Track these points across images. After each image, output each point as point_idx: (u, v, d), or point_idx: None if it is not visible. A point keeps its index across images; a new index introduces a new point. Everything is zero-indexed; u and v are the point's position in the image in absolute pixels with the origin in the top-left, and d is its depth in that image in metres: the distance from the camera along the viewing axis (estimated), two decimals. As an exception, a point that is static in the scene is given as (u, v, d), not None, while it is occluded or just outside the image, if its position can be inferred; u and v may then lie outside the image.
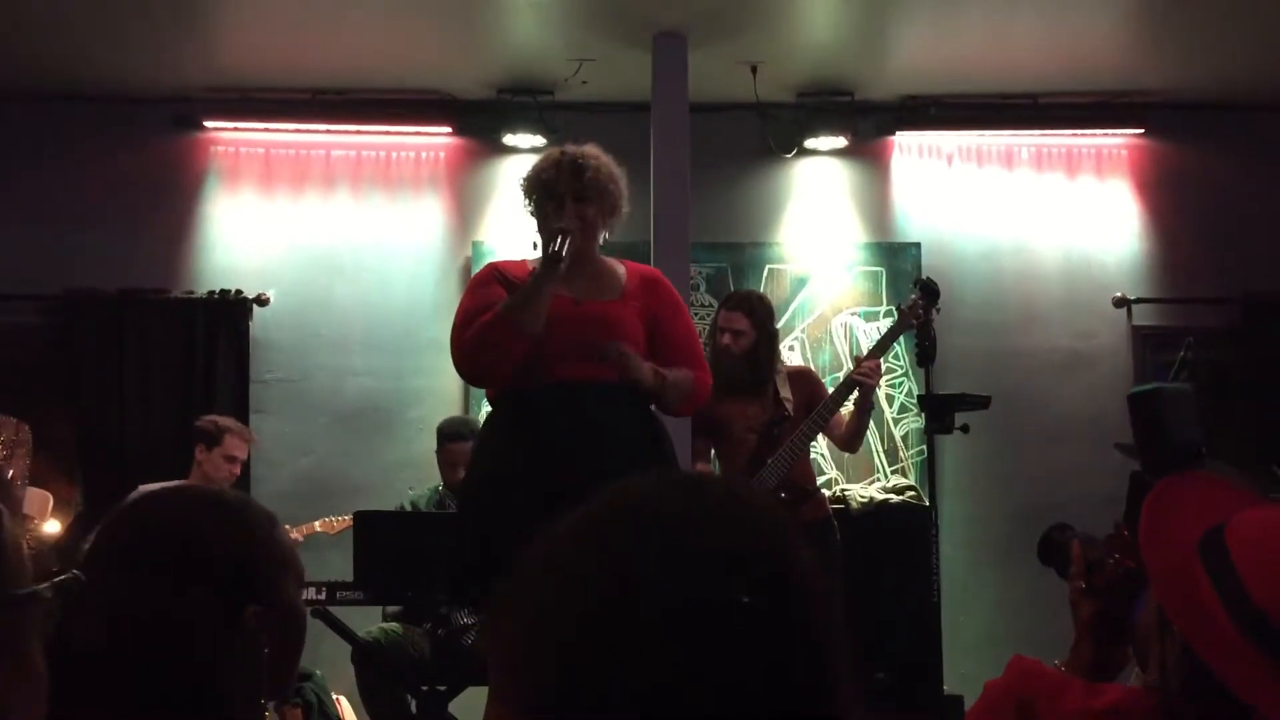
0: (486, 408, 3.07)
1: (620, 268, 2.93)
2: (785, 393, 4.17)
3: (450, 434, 4.67)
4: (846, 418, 4.16)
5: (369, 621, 4.49)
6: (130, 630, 1.15)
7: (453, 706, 4.18)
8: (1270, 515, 1.22)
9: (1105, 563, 1.72)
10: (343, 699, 4.74)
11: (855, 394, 4.06)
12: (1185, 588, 1.21)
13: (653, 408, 2.90)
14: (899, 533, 4.89)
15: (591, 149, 2.90)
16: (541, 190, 2.85)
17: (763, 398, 4.15)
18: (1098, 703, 1.26)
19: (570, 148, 2.91)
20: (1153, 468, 1.85)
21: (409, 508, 4.70)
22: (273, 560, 1.25)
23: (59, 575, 0.86)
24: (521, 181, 2.92)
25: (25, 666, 0.80)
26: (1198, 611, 1.19)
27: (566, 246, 2.70)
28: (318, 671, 4.69)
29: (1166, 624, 1.22)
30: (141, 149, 5.75)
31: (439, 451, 4.72)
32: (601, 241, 2.91)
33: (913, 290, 4.22)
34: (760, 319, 4.19)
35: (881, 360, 4.14)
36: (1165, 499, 1.31)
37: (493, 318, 2.71)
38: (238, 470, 4.64)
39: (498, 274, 2.86)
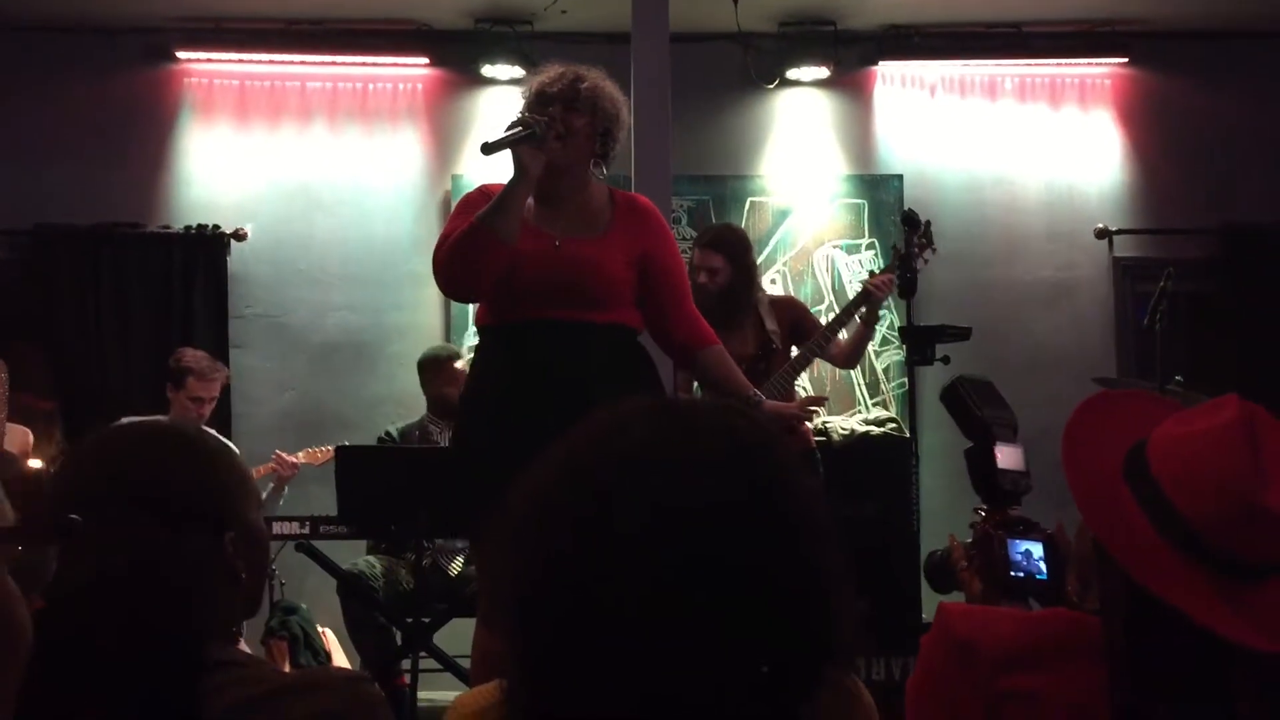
0: (470, 341, 3.06)
1: (607, 196, 2.85)
2: (770, 324, 4.18)
3: (432, 361, 4.75)
4: (845, 339, 4.23)
5: (353, 555, 4.51)
6: (112, 570, 1.15)
7: (437, 638, 4.23)
8: (1187, 429, 1.22)
9: (972, 538, 1.83)
10: (328, 632, 4.78)
11: (863, 309, 4.12)
12: (1112, 511, 1.21)
13: (639, 340, 2.88)
14: (880, 464, 4.92)
15: (600, 71, 2.82)
16: (535, 96, 2.76)
17: (744, 330, 4.15)
18: (1037, 635, 1.26)
19: (579, 66, 2.85)
20: (974, 441, 2.10)
21: (394, 433, 4.71)
22: (238, 486, 1.29)
23: (56, 518, 0.84)
24: (523, 92, 2.83)
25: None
26: (1129, 535, 1.19)
27: (524, 140, 2.60)
28: (303, 605, 4.72)
29: (1105, 556, 1.23)
30: (113, 81, 5.65)
31: (427, 382, 4.74)
32: (602, 173, 2.81)
33: (898, 223, 4.28)
34: (735, 253, 4.18)
35: (894, 276, 4.16)
36: (1088, 418, 1.31)
37: (467, 227, 2.66)
38: (205, 411, 4.57)
39: (485, 195, 2.79)
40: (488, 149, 2.61)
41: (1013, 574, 1.77)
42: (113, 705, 1.09)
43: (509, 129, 2.64)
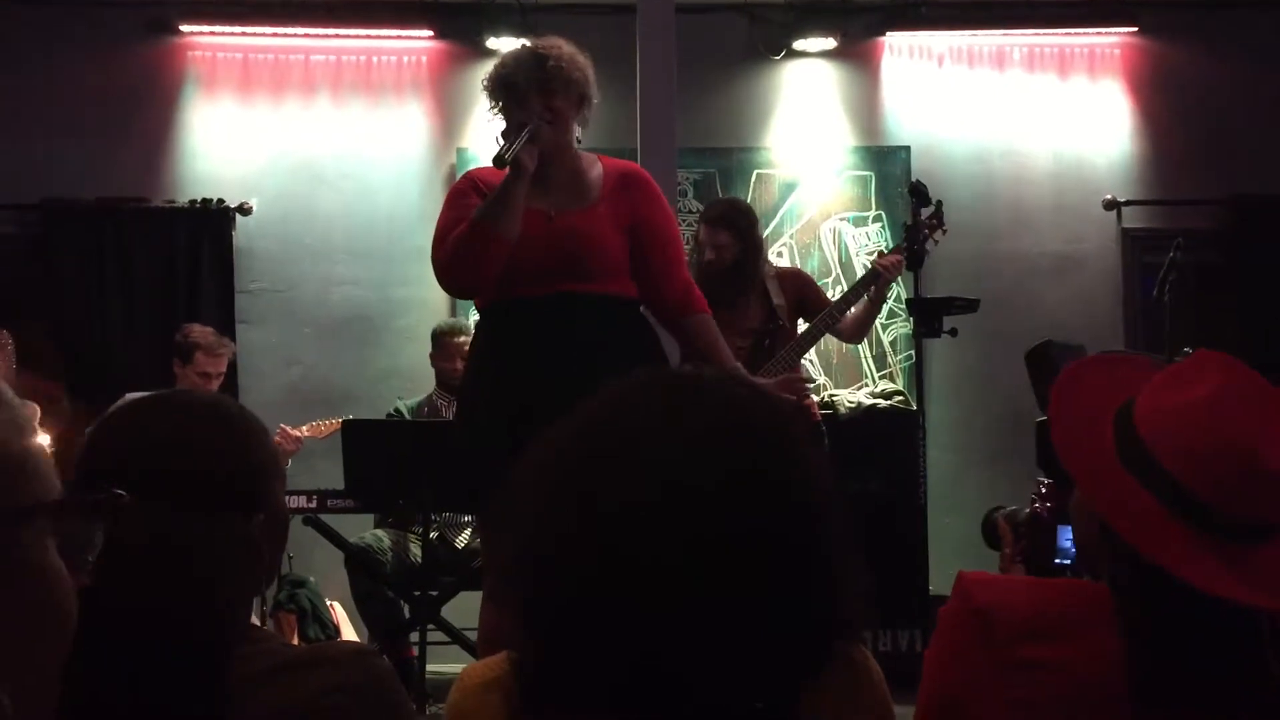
0: (475, 317, 3.06)
1: (598, 166, 2.85)
2: (777, 299, 4.17)
3: (435, 335, 4.80)
4: (851, 314, 4.23)
5: (361, 529, 4.52)
6: (143, 548, 1.12)
7: (445, 610, 4.24)
8: (1175, 399, 1.22)
9: (1025, 514, 1.79)
10: (336, 605, 4.80)
11: (872, 289, 4.12)
12: (1112, 487, 1.21)
13: (641, 310, 2.88)
14: (887, 437, 4.92)
15: (552, 39, 2.81)
16: (505, 89, 2.74)
17: (750, 305, 4.15)
18: (1055, 605, 1.26)
19: (530, 41, 2.83)
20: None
21: (402, 409, 4.72)
22: (272, 468, 1.27)
23: (96, 494, 0.82)
24: (484, 83, 2.81)
25: (28, 588, 0.75)
26: (1132, 509, 1.19)
27: (525, 142, 2.61)
28: (311, 579, 4.74)
29: (1111, 536, 1.22)
30: (116, 55, 5.62)
31: (433, 357, 4.76)
32: (578, 135, 2.82)
33: (905, 195, 4.27)
34: (742, 229, 4.17)
35: (903, 258, 4.15)
36: (1066, 397, 1.31)
37: (466, 227, 2.65)
38: (214, 386, 4.57)
39: (474, 184, 2.79)
40: (501, 162, 2.61)
41: (1057, 561, 1.74)
42: (138, 685, 1.08)
43: (509, 135, 2.64)
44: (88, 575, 0.79)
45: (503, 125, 2.76)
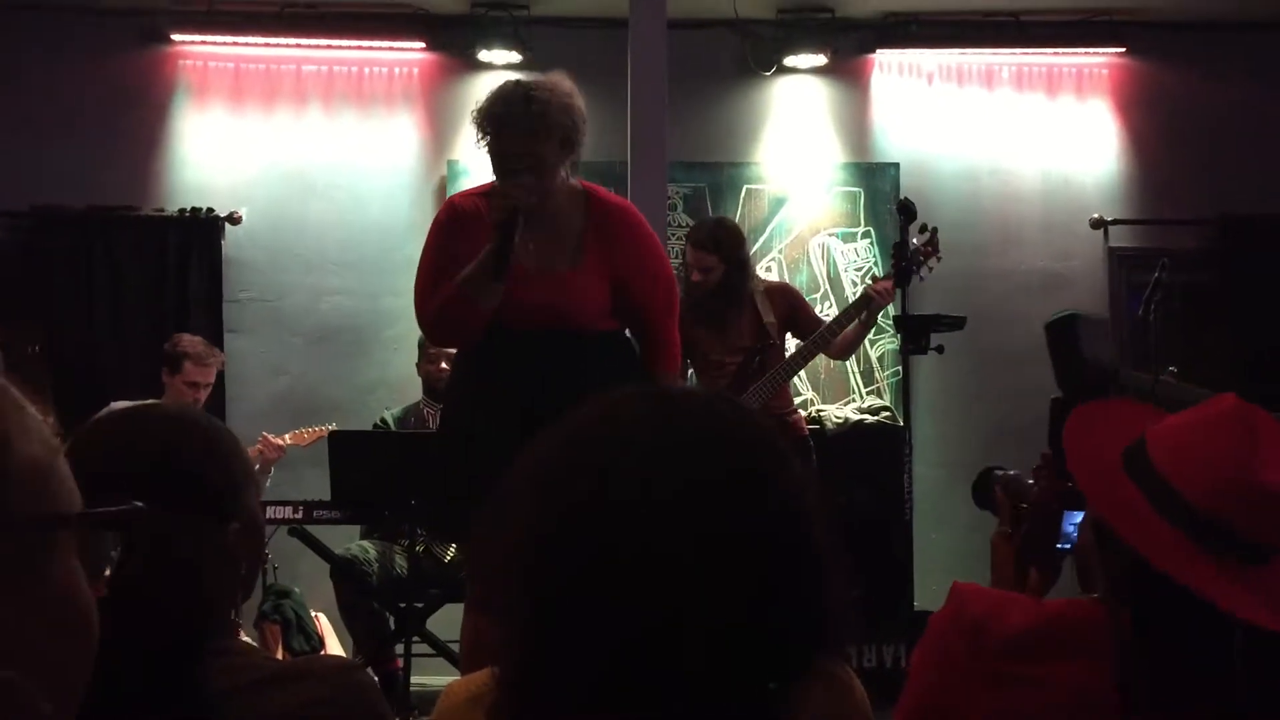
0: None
1: (581, 206, 2.78)
2: (767, 316, 4.18)
3: (420, 342, 4.73)
4: (841, 334, 4.26)
5: (347, 540, 4.51)
6: (125, 556, 1.13)
7: (430, 623, 4.23)
8: (1183, 420, 1.27)
9: (1030, 489, 1.78)
10: (321, 616, 4.79)
11: (864, 314, 4.17)
12: (1118, 499, 1.23)
13: (627, 333, 2.88)
14: (873, 453, 4.93)
15: (550, 78, 2.75)
16: (494, 125, 2.68)
17: (739, 324, 4.16)
18: (1048, 624, 1.27)
19: (523, 79, 2.79)
20: (1069, 389, 1.97)
21: (389, 419, 4.71)
22: (245, 476, 1.28)
23: (115, 506, 0.82)
24: (473, 114, 2.76)
25: (44, 597, 0.75)
26: (1136, 520, 1.22)
27: (518, 220, 2.59)
28: (296, 589, 4.73)
29: (1107, 543, 1.24)
30: (107, 63, 5.62)
31: (421, 356, 4.76)
32: (565, 176, 2.76)
33: (894, 212, 4.29)
34: (728, 251, 4.18)
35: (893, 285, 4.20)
36: (1083, 421, 1.35)
37: (452, 293, 2.66)
38: (202, 396, 4.56)
39: (456, 217, 2.77)
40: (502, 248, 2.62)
41: (1060, 546, 1.73)
42: (113, 693, 1.08)
43: (500, 222, 2.60)
44: (104, 586, 0.79)
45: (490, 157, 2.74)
